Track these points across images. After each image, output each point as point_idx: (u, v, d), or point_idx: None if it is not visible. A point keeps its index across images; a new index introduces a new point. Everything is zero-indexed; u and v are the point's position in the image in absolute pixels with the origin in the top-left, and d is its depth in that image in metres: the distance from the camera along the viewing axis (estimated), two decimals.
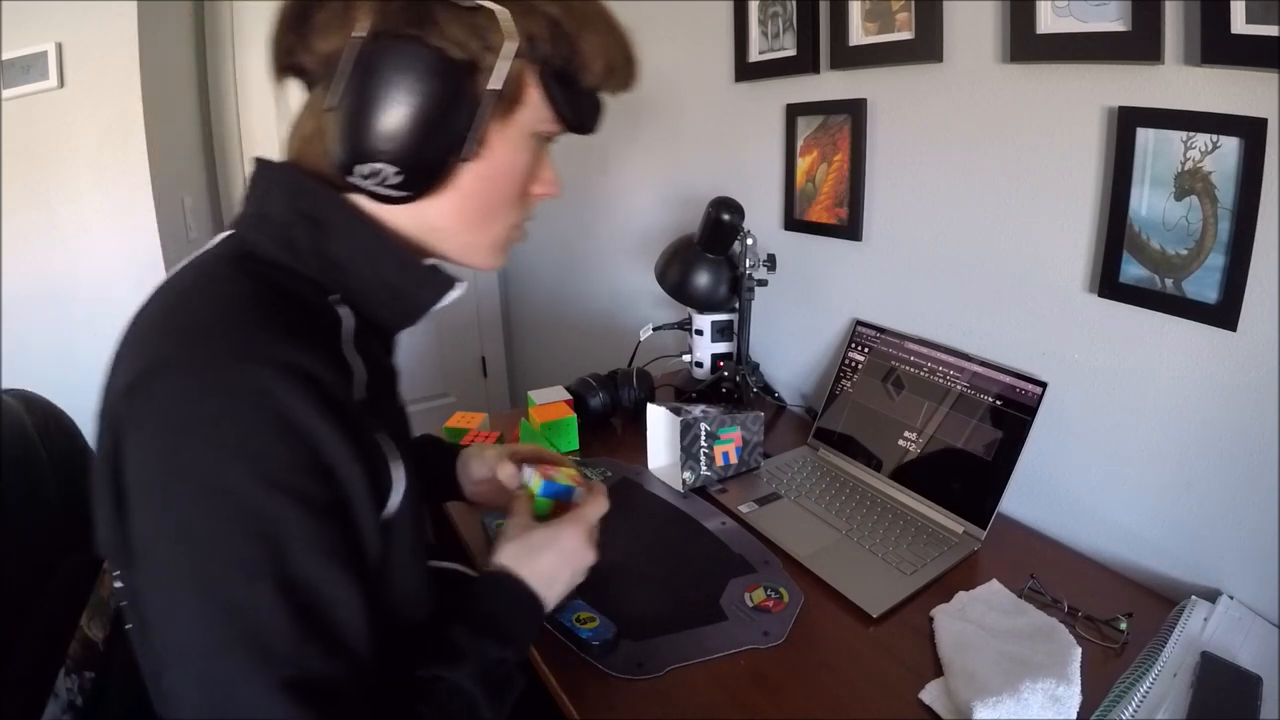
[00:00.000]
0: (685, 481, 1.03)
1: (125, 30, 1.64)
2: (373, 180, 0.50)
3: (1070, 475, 0.97)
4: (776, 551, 0.90)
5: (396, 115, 0.48)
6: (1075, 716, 0.65)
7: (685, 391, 1.42)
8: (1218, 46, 0.73)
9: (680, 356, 1.47)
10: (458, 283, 0.59)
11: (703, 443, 1.03)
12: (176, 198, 1.89)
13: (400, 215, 0.55)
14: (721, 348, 1.41)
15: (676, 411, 1.04)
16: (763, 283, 1.31)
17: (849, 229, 1.23)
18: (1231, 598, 0.80)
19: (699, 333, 1.41)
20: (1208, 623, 0.76)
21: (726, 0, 1.38)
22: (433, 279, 0.57)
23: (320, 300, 0.53)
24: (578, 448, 1.17)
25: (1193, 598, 0.80)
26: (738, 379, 1.33)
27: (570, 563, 0.64)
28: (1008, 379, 0.97)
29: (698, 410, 1.06)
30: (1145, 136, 0.82)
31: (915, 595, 0.82)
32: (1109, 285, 0.88)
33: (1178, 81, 0.78)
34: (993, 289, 1.03)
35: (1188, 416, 0.84)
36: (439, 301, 0.58)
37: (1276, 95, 0.71)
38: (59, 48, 1.64)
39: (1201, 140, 0.77)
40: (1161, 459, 0.87)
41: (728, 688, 0.69)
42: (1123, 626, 0.75)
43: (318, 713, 0.42)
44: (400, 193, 0.51)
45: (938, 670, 0.71)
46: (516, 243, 0.62)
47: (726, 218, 1.25)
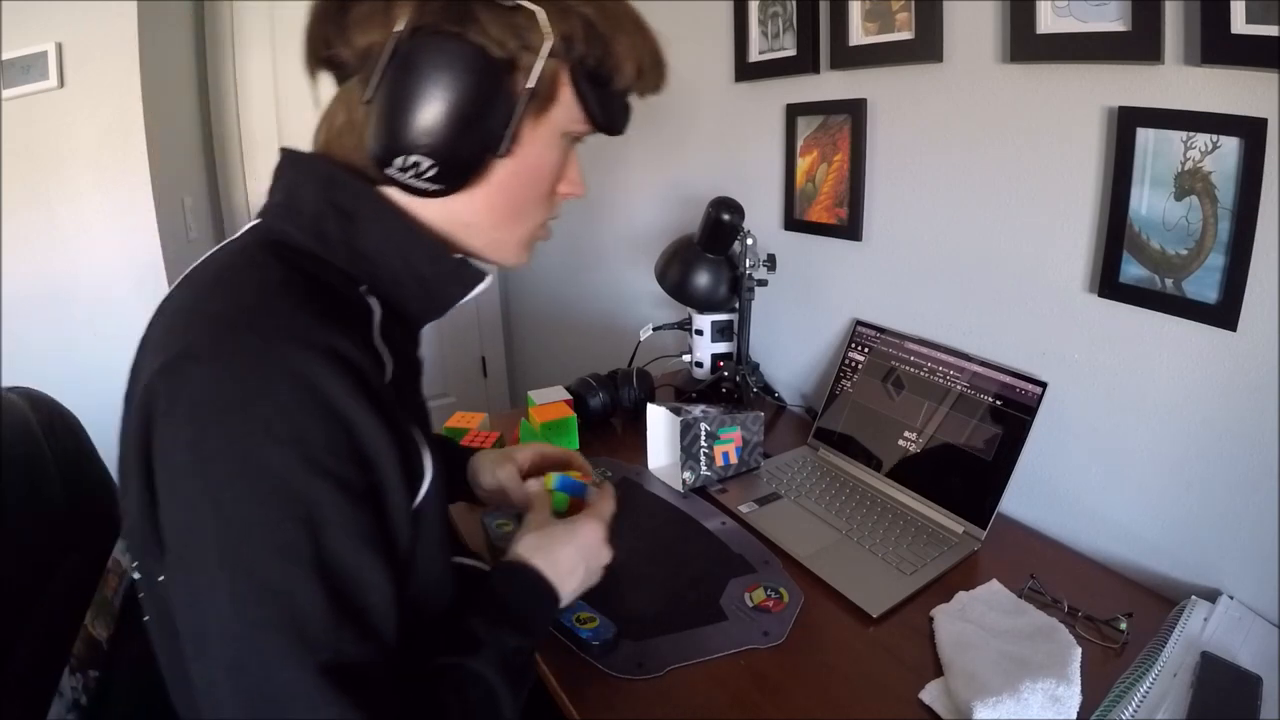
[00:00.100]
0: (685, 481, 1.03)
1: (125, 30, 1.64)
2: (410, 173, 0.50)
3: (1070, 475, 0.97)
4: (776, 551, 0.90)
5: (436, 109, 0.48)
6: (1075, 716, 0.65)
7: (685, 391, 1.42)
8: (1218, 46, 0.73)
9: (680, 356, 1.47)
10: (486, 276, 0.59)
11: (703, 443, 1.03)
12: (176, 198, 1.89)
13: (430, 209, 0.55)
14: (721, 348, 1.41)
15: (676, 411, 1.04)
16: (763, 283, 1.31)
17: (849, 229, 1.23)
18: (1231, 598, 0.80)
19: (699, 333, 1.41)
20: (1208, 623, 0.76)
21: (726, 0, 1.38)
22: (462, 272, 0.58)
23: (351, 290, 0.53)
24: (578, 448, 1.17)
25: (1193, 598, 0.80)
26: (738, 379, 1.33)
27: (586, 558, 0.64)
28: (1008, 379, 0.97)
29: (698, 410, 1.06)
30: (1145, 136, 0.82)
31: (915, 595, 0.82)
32: (1109, 285, 0.89)
33: (1178, 81, 0.78)
34: (993, 289, 1.03)
35: (1188, 416, 0.84)
36: (467, 295, 0.59)
37: (1276, 95, 0.71)
38: (59, 48, 1.64)
39: (1201, 140, 0.77)
40: (1161, 459, 0.88)
41: (728, 688, 0.69)
42: (1123, 626, 0.75)
43: (352, 699, 0.41)
44: (434, 186, 0.51)
45: (938, 670, 0.71)
46: (542, 240, 0.62)
47: (726, 218, 1.25)
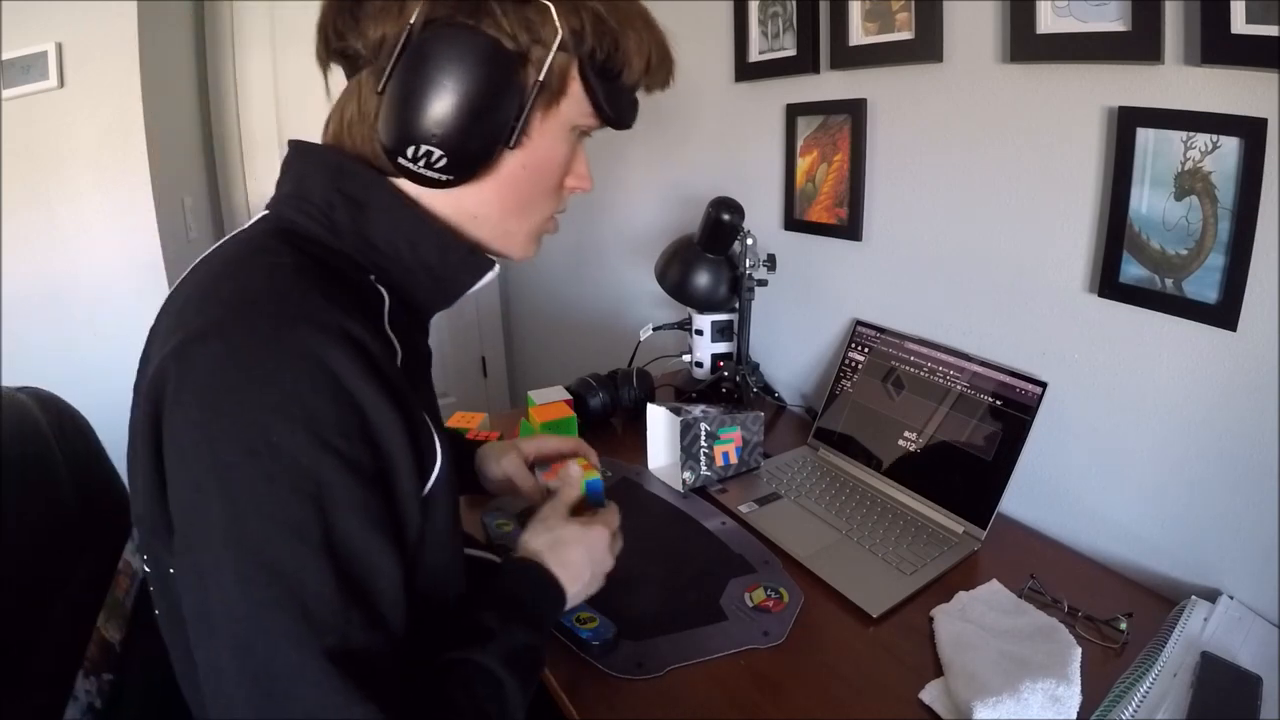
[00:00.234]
0: (685, 481, 1.03)
1: (125, 30, 1.64)
2: (421, 162, 0.50)
3: (1070, 475, 0.97)
4: (776, 551, 0.90)
5: (449, 100, 0.48)
6: (1075, 716, 0.64)
7: (685, 391, 1.41)
8: (1218, 46, 0.73)
9: (680, 356, 1.47)
10: (494, 264, 0.59)
11: (703, 443, 1.03)
12: (176, 198, 1.89)
13: (439, 200, 0.56)
14: (721, 348, 1.41)
15: (676, 411, 1.04)
16: (763, 283, 1.31)
17: (849, 229, 1.23)
18: (1231, 598, 0.80)
19: (699, 333, 1.41)
20: (1208, 623, 0.76)
21: (726, 0, 1.38)
22: (470, 261, 0.58)
23: (361, 277, 0.54)
24: None
25: (1193, 598, 0.80)
26: (738, 379, 1.33)
27: (593, 563, 0.65)
28: (1008, 379, 0.97)
29: (698, 410, 1.06)
30: (1145, 136, 0.82)
31: (915, 595, 0.82)
32: (1109, 285, 0.88)
33: (1178, 81, 0.78)
34: (993, 289, 1.03)
35: (1188, 416, 0.84)
36: (476, 283, 0.59)
37: (1276, 95, 0.71)
38: (59, 48, 1.64)
39: (1201, 140, 0.77)
40: (1161, 459, 0.87)
41: (728, 688, 0.69)
42: (1123, 626, 0.75)
43: (358, 686, 0.40)
44: (444, 176, 0.52)
45: (938, 670, 0.71)
46: (550, 233, 0.63)
47: (726, 218, 1.25)
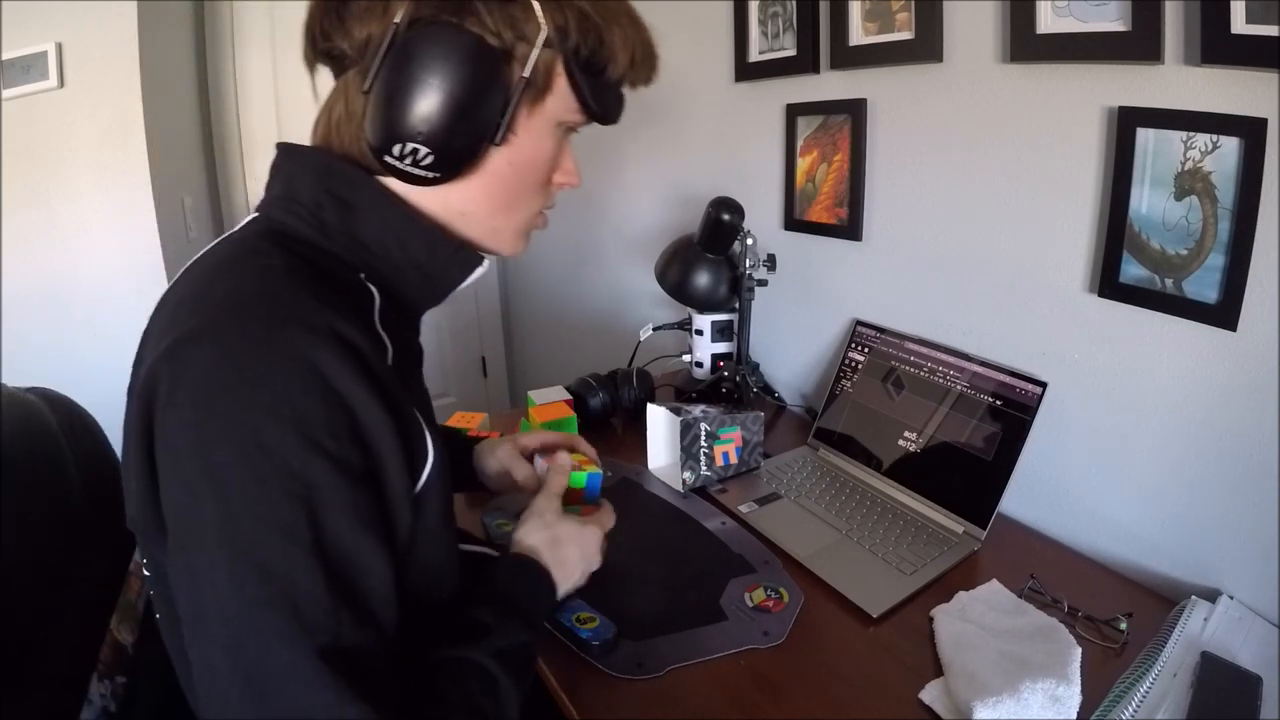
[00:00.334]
0: (685, 481, 1.03)
1: (125, 30, 1.64)
2: (408, 160, 0.51)
3: (1070, 475, 0.97)
4: (776, 551, 0.90)
5: (435, 98, 0.49)
6: (1075, 716, 0.64)
7: (685, 391, 1.41)
8: (1218, 46, 0.73)
9: (680, 356, 1.47)
10: (483, 261, 0.60)
11: (703, 443, 1.03)
12: (176, 198, 1.89)
13: (427, 198, 0.56)
14: (721, 348, 1.41)
15: (676, 411, 1.04)
16: (763, 283, 1.31)
17: (849, 229, 1.23)
18: (1231, 598, 0.80)
19: (699, 333, 1.41)
20: (1208, 623, 0.76)
21: (726, 0, 1.38)
22: (460, 258, 0.58)
23: (351, 276, 0.54)
24: None
25: (1193, 598, 0.80)
26: (738, 379, 1.33)
27: (584, 561, 0.66)
28: (1008, 379, 0.97)
29: (698, 410, 1.06)
30: (1145, 136, 0.82)
31: (915, 595, 0.82)
32: (1109, 285, 0.88)
33: (1178, 81, 0.78)
34: (993, 289, 1.03)
35: (1188, 416, 0.84)
36: (465, 280, 0.59)
37: (1276, 95, 0.71)
38: (59, 48, 1.64)
39: (1201, 140, 0.77)
40: (1161, 459, 0.87)
41: (728, 688, 0.69)
42: (1123, 626, 0.75)
43: (349, 684, 0.41)
44: (432, 173, 0.52)
45: (938, 670, 0.71)
46: (539, 229, 0.63)
47: (726, 218, 1.25)
